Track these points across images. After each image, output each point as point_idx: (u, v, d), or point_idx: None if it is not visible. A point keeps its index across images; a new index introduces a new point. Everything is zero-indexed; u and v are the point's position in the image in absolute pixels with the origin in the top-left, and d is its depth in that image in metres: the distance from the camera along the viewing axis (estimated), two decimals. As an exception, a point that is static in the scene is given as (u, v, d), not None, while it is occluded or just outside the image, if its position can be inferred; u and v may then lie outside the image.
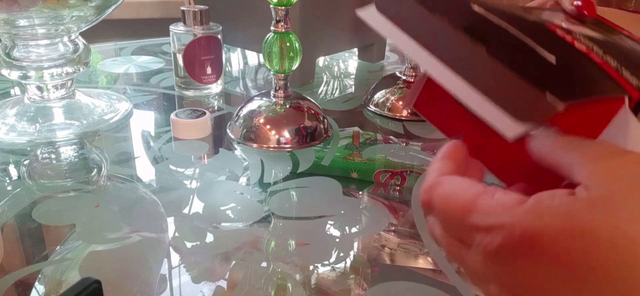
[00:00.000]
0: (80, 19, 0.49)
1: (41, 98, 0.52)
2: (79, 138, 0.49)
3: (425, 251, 0.33)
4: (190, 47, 0.60)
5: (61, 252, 0.31)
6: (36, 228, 0.34)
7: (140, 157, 0.45)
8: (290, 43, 0.46)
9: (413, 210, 0.38)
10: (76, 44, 0.52)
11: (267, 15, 0.46)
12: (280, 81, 0.48)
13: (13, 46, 0.49)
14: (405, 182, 0.42)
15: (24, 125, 0.49)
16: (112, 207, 0.36)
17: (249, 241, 0.33)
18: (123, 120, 0.54)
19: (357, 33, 0.78)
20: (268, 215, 0.36)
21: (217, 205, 0.37)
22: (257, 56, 0.88)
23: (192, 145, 0.48)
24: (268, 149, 0.46)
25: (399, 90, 0.59)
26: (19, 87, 0.63)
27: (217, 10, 0.74)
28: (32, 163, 0.43)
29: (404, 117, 0.57)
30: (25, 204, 0.36)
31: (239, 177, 0.42)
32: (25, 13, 0.45)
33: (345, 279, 0.30)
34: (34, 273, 0.29)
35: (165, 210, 0.36)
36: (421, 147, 0.48)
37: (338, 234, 0.34)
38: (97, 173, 0.42)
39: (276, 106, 0.48)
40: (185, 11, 0.59)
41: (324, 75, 0.78)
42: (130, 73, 0.75)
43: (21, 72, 0.49)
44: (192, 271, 0.30)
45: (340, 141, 0.47)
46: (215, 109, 0.59)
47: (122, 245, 0.32)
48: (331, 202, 0.38)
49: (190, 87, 0.63)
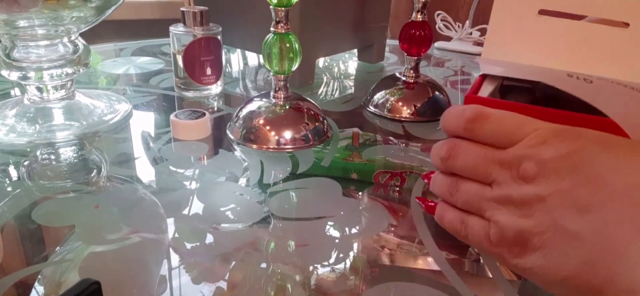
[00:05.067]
0: (80, 19, 0.49)
1: (41, 99, 0.52)
2: (78, 139, 0.49)
3: (425, 251, 0.33)
4: (190, 48, 0.60)
5: (61, 253, 0.31)
6: (36, 229, 0.34)
7: (140, 157, 0.45)
8: (290, 44, 0.46)
9: (413, 211, 0.38)
10: (76, 45, 0.52)
11: (266, 16, 0.46)
12: (280, 82, 0.48)
13: (13, 47, 0.49)
14: (404, 182, 0.42)
15: (24, 126, 0.49)
16: (111, 207, 0.36)
17: (249, 242, 0.33)
18: (123, 121, 0.54)
19: (357, 34, 0.78)
20: (268, 216, 0.36)
21: (216, 205, 0.37)
22: (257, 57, 0.88)
23: (192, 146, 0.48)
24: (268, 150, 0.46)
25: (398, 91, 0.59)
26: (18, 88, 0.63)
27: (217, 11, 0.74)
28: (32, 164, 0.43)
29: (403, 118, 0.57)
30: (25, 205, 0.36)
31: (238, 177, 0.42)
32: (25, 14, 0.45)
33: (344, 280, 0.30)
34: (33, 274, 0.29)
35: (165, 210, 0.36)
36: (421, 148, 0.48)
37: (338, 235, 0.34)
38: (97, 174, 0.42)
39: (276, 107, 0.48)
40: (185, 12, 0.59)
41: (323, 76, 0.78)
42: (130, 74, 0.75)
43: (21, 73, 0.49)
44: (192, 272, 0.30)
45: (340, 142, 0.47)
46: (215, 110, 0.59)
47: (122, 246, 0.32)
48: (331, 203, 0.38)
49: (190, 87, 0.63)
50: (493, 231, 0.23)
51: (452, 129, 0.27)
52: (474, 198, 0.25)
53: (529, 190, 0.22)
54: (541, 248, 0.21)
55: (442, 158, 0.27)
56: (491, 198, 0.24)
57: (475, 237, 0.25)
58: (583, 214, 0.20)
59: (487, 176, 0.24)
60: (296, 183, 0.41)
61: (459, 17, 1.39)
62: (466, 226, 0.26)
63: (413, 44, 0.57)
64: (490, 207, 0.24)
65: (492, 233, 0.24)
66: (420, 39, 0.57)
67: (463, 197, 0.26)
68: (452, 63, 0.91)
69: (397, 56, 0.94)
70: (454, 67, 0.88)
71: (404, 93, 0.59)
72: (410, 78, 0.60)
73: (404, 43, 0.58)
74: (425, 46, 0.58)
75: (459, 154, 0.25)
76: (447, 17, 1.02)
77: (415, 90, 0.59)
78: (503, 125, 0.23)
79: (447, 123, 0.27)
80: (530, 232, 0.21)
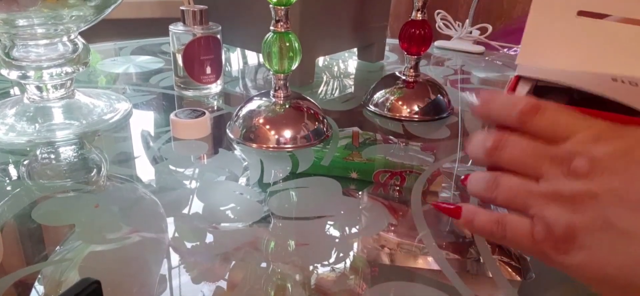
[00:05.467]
0: (79, 18, 0.49)
1: (40, 98, 0.52)
2: (78, 138, 0.49)
3: (425, 251, 0.33)
4: (189, 47, 0.60)
5: (61, 252, 0.31)
6: (36, 228, 0.34)
7: (139, 157, 0.45)
8: (289, 43, 0.46)
9: (413, 211, 0.38)
10: (75, 44, 0.52)
11: (266, 15, 0.46)
12: (280, 81, 0.48)
13: (12, 46, 0.49)
14: (404, 182, 0.42)
15: (24, 125, 0.49)
16: (111, 207, 0.36)
17: (249, 242, 0.33)
18: (122, 120, 0.54)
19: (357, 33, 0.78)
20: (268, 215, 0.36)
21: (216, 205, 0.37)
22: (257, 56, 0.88)
23: (192, 145, 0.48)
24: (268, 149, 0.46)
25: (398, 90, 0.59)
26: (18, 87, 0.63)
27: (217, 10, 0.74)
28: (32, 164, 0.43)
29: (403, 117, 0.57)
30: (25, 204, 0.36)
31: (238, 177, 0.42)
32: (25, 13, 0.45)
33: (344, 279, 0.30)
34: (33, 273, 0.29)
35: (164, 210, 0.36)
36: (420, 147, 0.48)
37: (338, 234, 0.34)
38: (97, 174, 0.42)
39: (276, 106, 0.48)
40: (185, 11, 0.59)
41: (323, 75, 0.78)
42: (129, 73, 0.75)
43: (20, 72, 0.49)
44: (192, 271, 0.30)
45: (340, 141, 0.47)
46: (215, 109, 0.59)
47: (122, 245, 0.32)
48: (331, 202, 0.38)
49: (190, 87, 0.63)
50: (538, 228, 0.23)
51: (500, 119, 0.26)
52: (518, 194, 0.24)
53: (580, 186, 0.21)
54: (590, 245, 0.21)
55: (487, 149, 0.26)
56: (539, 193, 0.23)
57: (516, 236, 0.24)
58: (634, 212, 0.20)
59: (535, 170, 0.23)
60: (296, 183, 0.41)
61: (459, 16, 1.39)
62: (504, 226, 0.25)
63: (413, 42, 0.57)
64: (537, 203, 0.23)
65: (537, 230, 0.23)
66: (420, 37, 0.57)
67: (504, 193, 0.25)
68: (452, 62, 0.91)
69: (397, 55, 0.94)
70: (453, 66, 0.88)
71: (403, 92, 0.59)
72: (410, 77, 0.60)
73: (404, 42, 0.58)
74: (425, 45, 0.58)
75: (506, 146, 0.25)
76: (447, 16, 1.02)
77: (415, 89, 0.59)
78: (558, 119, 0.23)
79: (496, 113, 0.26)
80: (580, 228, 0.21)
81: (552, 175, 0.23)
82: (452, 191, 0.42)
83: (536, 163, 0.24)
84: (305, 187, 0.41)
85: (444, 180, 0.43)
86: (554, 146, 0.23)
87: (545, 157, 0.23)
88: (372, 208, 0.38)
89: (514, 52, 1.00)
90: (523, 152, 0.24)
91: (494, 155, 0.25)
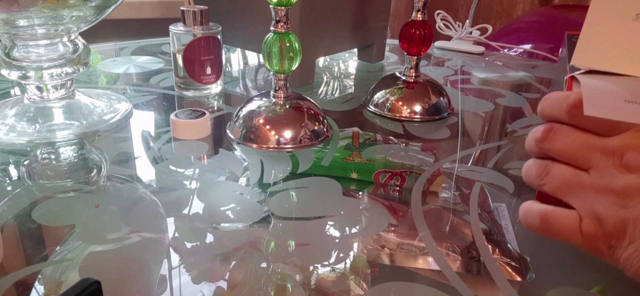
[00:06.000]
0: (79, 19, 0.49)
1: (41, 98, 0.52)
2: (78, 138, 0.49)
3: (425, 251, 0.33)
4: (190, 47, 0.60)
5: (61, 253, 0.31)
6: (36, 228, 0.34)
7: (140, 157, 0.45)
8: (290, 43, 0.46)
9: (413, 211, 0.38)
10: (76, 44, 0.52)
11: (266, 16, 0.46)
12: (280, 81, 0.48)
13: (13, 46, 0.49)
14: (404, 182, 0.42)
15: (24, 125, 0.49)
16: (111, 207, 0.36)
17: (249, 242, 0.33)
18: (123, 121, 0.54)
19: (357, 33, 0.78)
20: (268, 216, 0.36)
21: (216, 205, 0.37)
22: (257, 56, 0.88)
23: (192, 146, 0.48)
24: (268, 149, 0.46)
25: (398, 91, 0.59)
26: (18, 87, 0.63)
27: (217, 10, 0.74)
28: (32, 164, 0.43)
29: (403, 118, 0.57)
30: (25, 204, 0.36)
31: (238, 177, 0.42)
32: (25, 13, 0.45)
33: (345, 279, 0.30)
34: (33, 273, 0.29)
35: (165, 210, 0.36)
36: (421, 147, 0.48)
37: (338, 234, 0.34)
38: (97, 174, 0.42)
39: (276, 106, 0.48)
40: (185, 11, 0.59)
41: (323, 75, 0.78)
42: (130, 73, 0.75)
43: (21, 72, 0.49)
44: (192, 271, 0.30)
45: (340, 141, 0.47)
46: (215, 109, 0.59)
47: (122, 246, 0.32)
48: (331, 203, 0.38)
49: (190, 87, 0.63)
50: (587, 222, 0.23)
51: (551, 113, 0.26)
52: (568, 182, 0.24)
53: (632, 180, 0.21)
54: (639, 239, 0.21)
55: (537, 139, 0.26)
56: (589, 185, 0.23)
57: (563, 230, 0.24)
58: None
59: (586, 162, 0.23)
60: (296, 183, 0.41)
61: (459, 16, 1.39)
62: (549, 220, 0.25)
63: (413, 43, 0.57)
64: (586, 194, 0.23)
65: (586, 224, 0.23)
66: (420, 38, 0.57)
67: (554, 182, 0.25)
68: (452, 62, 0.91)
69: (397, 55, 0.94)
70: (454, 66, 0.88)
71: (404, 92, 0.59)
72: (410, 77, 0.60)
73: (404, 42, 0.58)
74: (425, 45, 0.58)
75: (556, 137, 0.25)
76: (447, 17, 1.02)
77: (415, 90, 0.59)
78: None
79: (547, 108, 0.26)
80: (632, 223, 0.21)
81: (603, 167, 0.22)
82: (453, 191, 0.42)
83: (587, 154, 0.23)
84: (305, 187, 0.41)
85: (444, 180, 0.43)
86: (605, 138, 0.23)
87: (596, 148, 0.23)
88: (372, 208, 0.38)
89: (514, 52, 1.00)
90: (573, 142, 0.24)
91: (544, 145, 0.25)
